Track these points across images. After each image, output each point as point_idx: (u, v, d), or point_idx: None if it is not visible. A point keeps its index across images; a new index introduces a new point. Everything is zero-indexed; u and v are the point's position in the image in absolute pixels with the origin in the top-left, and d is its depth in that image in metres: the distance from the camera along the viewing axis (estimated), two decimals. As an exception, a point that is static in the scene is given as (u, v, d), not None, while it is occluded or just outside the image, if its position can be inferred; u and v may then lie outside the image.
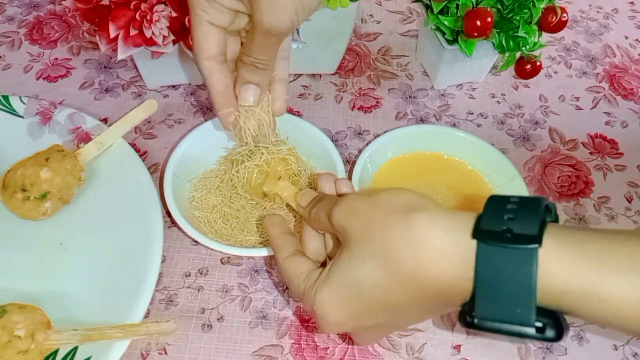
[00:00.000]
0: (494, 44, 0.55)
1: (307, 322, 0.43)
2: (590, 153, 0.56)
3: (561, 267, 0.26)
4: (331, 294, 0.32)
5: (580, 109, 0.60)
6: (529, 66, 0.60)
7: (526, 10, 0.53)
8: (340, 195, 0.38)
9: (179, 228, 0.44)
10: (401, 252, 0.29)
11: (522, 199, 0.29)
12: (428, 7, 0.54)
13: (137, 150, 0.52)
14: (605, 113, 0.60)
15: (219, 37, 0.37)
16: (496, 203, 0.29)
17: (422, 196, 0.31)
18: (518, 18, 0.53)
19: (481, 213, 0.29)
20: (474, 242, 0.27)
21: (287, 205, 0.46)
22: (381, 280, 0.30)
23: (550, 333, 0.27)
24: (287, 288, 0.44)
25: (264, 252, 0.42)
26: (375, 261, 0.30)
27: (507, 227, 0.27)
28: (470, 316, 0.28)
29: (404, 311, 0.32)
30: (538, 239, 0.26)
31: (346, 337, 0.42)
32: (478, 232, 0.28)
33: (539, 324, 0.27)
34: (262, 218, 0.47)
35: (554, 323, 0.27)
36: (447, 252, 0.28)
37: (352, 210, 0.32)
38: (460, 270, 0.28)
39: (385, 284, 0.30)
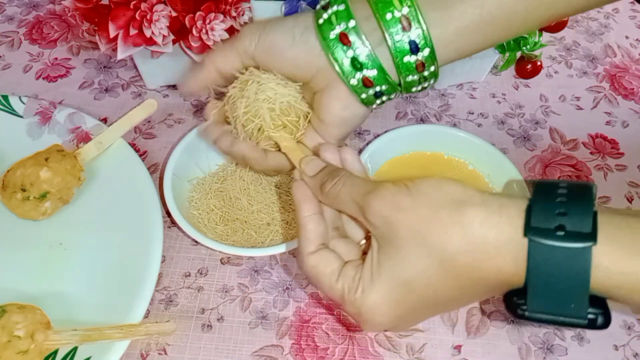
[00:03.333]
0: (494, 43, 0.54)
1: (307, 322, 0.43)
2: (591, 153, 0.56)
3: (615, 261, 0.26)
4: (382, 298, 0.31)
5: (581, 108, 0.60)
6: (529, 66, 0.60)
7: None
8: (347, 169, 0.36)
9: (179, 228, 0.44)
10: (456, 253, 0.29)
11: (571, 189, 0.28)
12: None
13: (137, 150, 0.52)
14: (605, 113, 0.60)
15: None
16: (545, 194, 0.28)
17: (463, 186, 0.30)
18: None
19: (530, 203, 0.28)
20: (525, 238, 0.27)
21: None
22: (434, 280, 0.30)
23: (600, 321, 0.27)
24: (287, 288, 0.44)
25: (264, 252, 0.42)
26: (428, 261, 0.29)
27: (560, 223, 0.27)
28: (521, 308, 0.28)
29: (452, 305, 0.33)
30: (593, 237, 0.26)
31: (346, 337, 0.42)
32: (529, 231, 0.27)
33: (591, 316, 0.27)
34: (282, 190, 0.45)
35: (603, 312, 0.27)
36: (502, 250, 0.28)
37: (395, 205, 0.30)
38: (513, 267, 0.28)
39: (438, 283, 0.30)
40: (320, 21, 0.36)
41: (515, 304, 0.29)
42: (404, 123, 0.57)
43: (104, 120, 0.54)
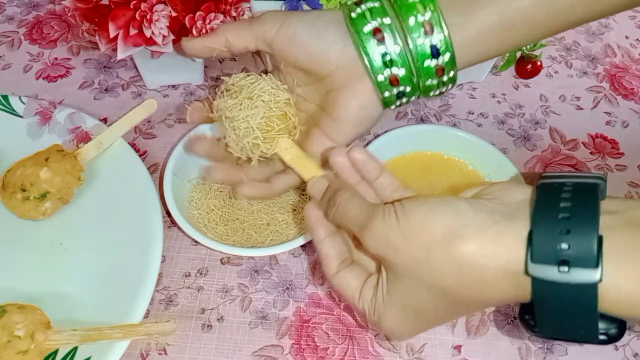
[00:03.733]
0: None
1: (307, 322, 0.43)
2: (591, 153, 0.56)
3: (624, 293, 0.25)
4: (397, 322, 0.33)
5: (581, 108, 0.60)
6: (529, 66, 0.60)
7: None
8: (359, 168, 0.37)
9: (179, 228, 0.44)
10: (456, 288, 0.29)
11: (575, 201, 0.27)
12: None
13: (137, 150, 0.52)
14: (605, 113, 0.60)
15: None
16: (547, 207, 0.27)
17: (456, 214, 0.29)
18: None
19: (531, 229, 0.27)
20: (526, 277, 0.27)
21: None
22: (441, 307, 0.31)
23: (613, 334, 0.27)
24: (287, 288, 0.44)
25: (264, 252, 0.42)
26: (430, 295, 0.31)
27: (562, 258, 0.26)
28: (533, 330, 0.29)
29: (470, 312, 0.37)
30: (597, 264, 0.25)
31: (346, 337, 0.42)
32: (532, 263, 0.26)
33: (602, 337, 0.27)
34: (300, 209, 0.46)
35: (617, 326, 0.27)
36: (501, 282, 0.28)
37: (386, 244, 0.31)
38: (519, 293, 0.28)
39: (447, 309, 0.31)
40: (354, 15, 0.36)
41: (528, 323, 0.29)
42: (404, 123, 0.57)
43: (104, 120, 0.54)
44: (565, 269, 0.25)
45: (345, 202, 0.33)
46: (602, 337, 0.27)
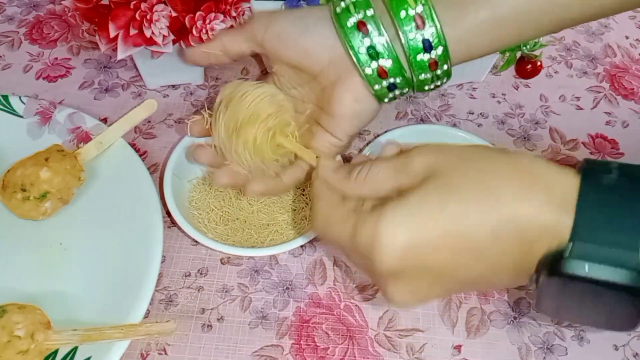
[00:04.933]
0: (494, 43, 0.54)
1: (307, 322, 0.43)
2: (591, 153, 0.56)
3: None
4: (405, 217, 0.28)
5: (581, 108, 0.60)
6: (529, 66, 0.60)
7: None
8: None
9: (179, 228, 0.44)
10: (502, 177, 0.28)
11: (621, 170, 0.27)
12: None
13: (137, 150, 0.52)
14: (605, 113, 0.60)
15: None
16: (596, 169, 0.28)
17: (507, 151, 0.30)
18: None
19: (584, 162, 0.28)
20: (577, 180, 0.27)
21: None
22: (474, 206, 0.27)
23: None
24: (287, 288, 0.44)
25: (264, 252, 0.42)
26: (470, 187, 0.28)
27: (614, 165, 0.27)
28: (563, 256, 0.26)
29: (493, 277, 0.29)
30: None
31: (346, 337, 0.42)
32: (585, 165, 0.27)
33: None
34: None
35: None
36: (550, 185, 0.27)
37: (439, 148, 0.30)
38: (558, 211, 0.26)
39: (477, 211, 0.27)
40: (338, 10, 0.36)
41: (555, 257, 0.26)
42: (404, 123, 0.57)
43: (104, 120, 0.54)
44: (615, 164, 0.27)
45: (376, 158, 0.33)
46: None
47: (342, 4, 0.36)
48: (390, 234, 0.28)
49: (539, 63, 0.60)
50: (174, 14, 0.47)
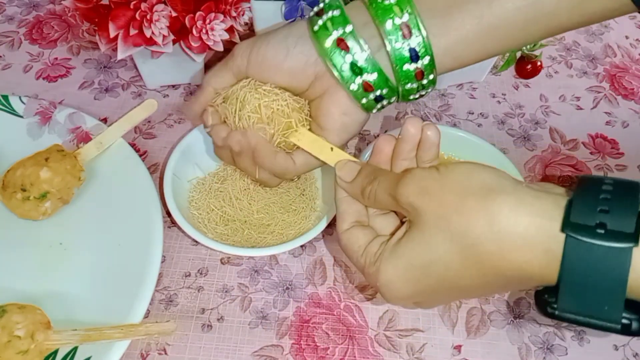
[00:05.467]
0: (494, 43, 0.54)
1: (307, 322, 0.43)
2: (591, 153, 0.56)
3: None
4: (397, 274, 0.31)
5: (581, 108, 0.60)
6: (529, 66, 0.60)
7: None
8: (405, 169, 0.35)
9: (179, 228, 0.44)
10: (480, 240, 0.28)
11: (616, 186, 0.27)
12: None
13: (137, 150, 0.52)
14: (605, 113, 0.60)
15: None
16: (588, 189, 0.27)
17: (498, 173, 0.29)
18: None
19: (571, 198, 0.27)
20: (562, 233, 0.26)
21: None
22: (455, 265, 0.29)
23: (635, 327, 0.26)
24: (287, 288, 0.44)
25: (264, 252, 0.42)
26: (449, 246, 0.29)
27: (600, 220, 0.26)
28: (552, 307, 0.27)
29: (474, 292, 0.32)
30: (634, 238, 0.25)
31: (346, 337, 0.42)
32: (568, 226, 0.26)
33: (625, 321, 0.26)
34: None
35: (638, 318, 0.26)
36: (531, 242, 0.27)
37: (422, 189, 0.30)
38: (543, 261, 0.27)
39: (459, 269, 0.29)
40: (316, 28, 0.35)
41: (545, 301, 0.28)
42: (404, 123, 0.57)
43: (104, 120, 0.54)
44: (602, 231, 0.25)
45: (383, 175, 0.34)
46: (624, 320, 0.26)
47: (320, 22, 0.35)
48: (389, 290, 0.33)
49: (539, 63, 0.60)
50: (174, 14, 0.47)
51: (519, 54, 0.59)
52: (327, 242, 0.47)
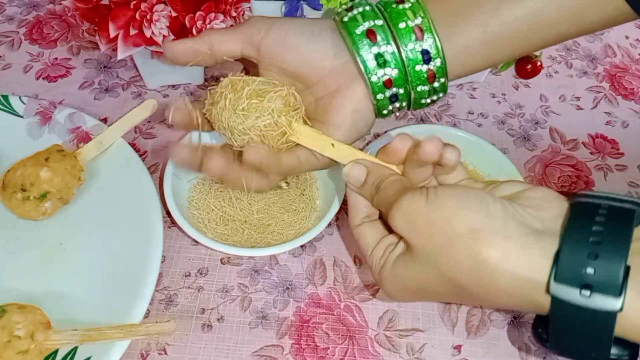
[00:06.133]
0: (494, 43, 0.54)
1: (307, 322, 0.43)
2: (591, 153, 0.56)
3: None
4: (397, 289, 0.34)
5: (581, 108, 0.60)
6: (529, 66, 0.60)
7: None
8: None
9: (179, 228, 0.44)
10: (468, 285, 0.29)
11: (608, 226, 0.26)
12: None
13: (137, 150, 0.52)
14: (605, 113, 0.60)
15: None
16: (579, 230, 0.27)
17: (487, 212, 0.29)
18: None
19: (559, 248, 0.27)
20: (546, 291, 0.27)
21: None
22: (446, 292, 0.31)
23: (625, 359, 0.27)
24: (287, 288, 0.44)
25: (264, 252, 0.42)
26: (440, 280, 0.31)
27: (586, 282, 0.26)
28: (545, 345, 0.29)
29: (475, 304, 0.37)
30: (619, 293, 0.25)
31: (346, 337, 0.42)
32: (553, 286, 0.26)
33: (613, 357, 0.27)
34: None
35: (630, 353, 0.27)
36: (518, 293, 0.28)
37: (411, 224, 0.31)
38: (532, 306, 0.28)
39: (453, 297, 0.32)
40: (346, 19, 0.36)
41: (540, 336, 0.30)
42: (404, 123, 0.57)
43: (104, 120, 0.54)
44: (587, 293, 0.25)
45: (388, 184, 0.34)
46: (612, 356, 0.27)
47: (349, 14, 0.36)
48: (390, 295, 0.35)
49: (539, 63, 0.60)
50: (174, 14, 0.47)
51: (519, 54, 0.59)
52: (327, 242, 0.47)
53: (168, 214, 0.45)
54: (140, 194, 0.46)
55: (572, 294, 0.26)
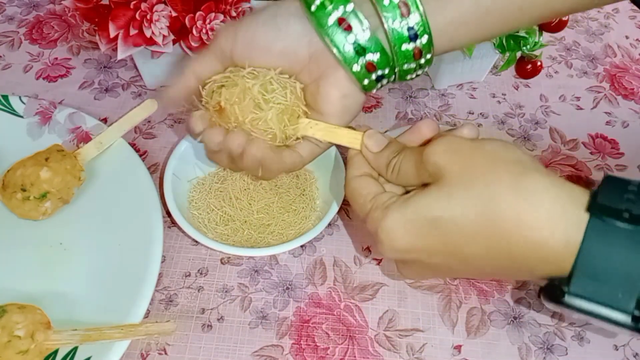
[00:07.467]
0: (494, 43, 0.54)
1: (307, 322, 0.43)
2: (591, 153, 0.56)
3: None
4: (403, 220, 0.31)
5: (581, 108, 0.60)
6: (529, 66, 0.60)
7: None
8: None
9: (179, 228, 0.44)
10: (502, 207, 0.28)
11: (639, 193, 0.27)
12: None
13: (137, 150, 0.52)
14: (605, 113, 0.60)
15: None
16: (615, 183, 0.27)
17: (532, 157, 0.30)
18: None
19: (596, 189, 0.27)
20: (584, 216, 0.26)
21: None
22: (466, 227, 0.29)
23: None
24: (287, 288, 0.44)
25: (264, 252, 0.42)
26: (469, 206, 0.29)
27: (627, 207, 0.26)
28: (562, 290, 0.27)
29: (474, 264, 0.31)
30: None
31: (346, 337, 0.42)
32: (594, 206, 0.26)
33: (637, 312, 0.26)
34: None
35: None
36: (553, 222, 0.27)
37: (453, 149, 0.30)
38: (561, 243, 0.27)
39: (469, 233, 0.29)
40: (313, 8, 0.34)
41: (556, 286, 0.28)
42: (404, 123, 0.57)
43: (104, 120, 0.54)
44: (627, 215, 0.26)
45: (410, 148, 0.34)
46: (636, 312, 0.26)
47: (317, 1, 0.34)
48: (389, 237, 0.32)
49: (539, 63, 0.60)
50: (174, 14, 0.47)
51: (519, 54, 0.59)
52: (327, 242, 0.47)
53: (168, 214, 0.45)
54: (140, 194, 0.46)
55: (612, 214, 0.26)
